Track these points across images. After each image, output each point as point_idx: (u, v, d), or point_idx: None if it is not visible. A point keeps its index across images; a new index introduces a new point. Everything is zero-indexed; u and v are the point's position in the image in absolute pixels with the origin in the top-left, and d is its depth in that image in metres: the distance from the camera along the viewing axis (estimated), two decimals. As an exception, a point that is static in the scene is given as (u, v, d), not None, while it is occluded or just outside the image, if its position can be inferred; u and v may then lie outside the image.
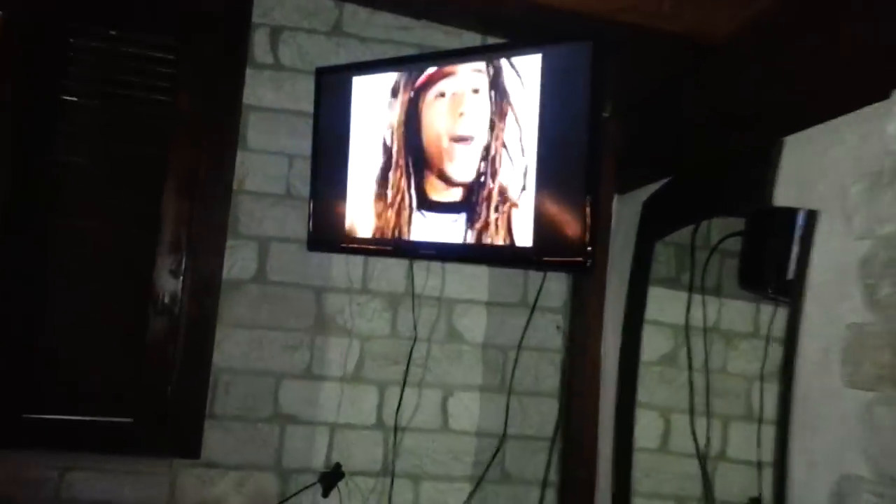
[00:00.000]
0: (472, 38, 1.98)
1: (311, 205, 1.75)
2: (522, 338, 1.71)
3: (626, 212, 1.73)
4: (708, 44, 1.33)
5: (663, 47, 1.38)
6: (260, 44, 1.89)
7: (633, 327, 1.52)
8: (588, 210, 1.27)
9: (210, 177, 1.82)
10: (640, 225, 1.53)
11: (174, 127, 1.82)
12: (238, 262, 1.84)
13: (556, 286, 1.98)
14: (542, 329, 1.98)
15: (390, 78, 1.60)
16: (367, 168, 1.65)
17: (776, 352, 2.06)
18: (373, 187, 1.63)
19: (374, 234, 1.63)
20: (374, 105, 1.63)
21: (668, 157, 1.49)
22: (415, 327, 1.89)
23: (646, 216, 1.52)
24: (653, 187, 1.56)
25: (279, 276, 1.86)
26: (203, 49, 1.83)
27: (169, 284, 1.78)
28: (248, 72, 1.87)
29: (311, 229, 1.74)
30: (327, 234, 1.71)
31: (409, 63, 1.57)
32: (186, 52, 1.82)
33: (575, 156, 1.29)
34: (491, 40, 1.98)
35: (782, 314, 2.08)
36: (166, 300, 1.77)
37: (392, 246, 1.59)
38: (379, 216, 1.62)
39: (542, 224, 1.33)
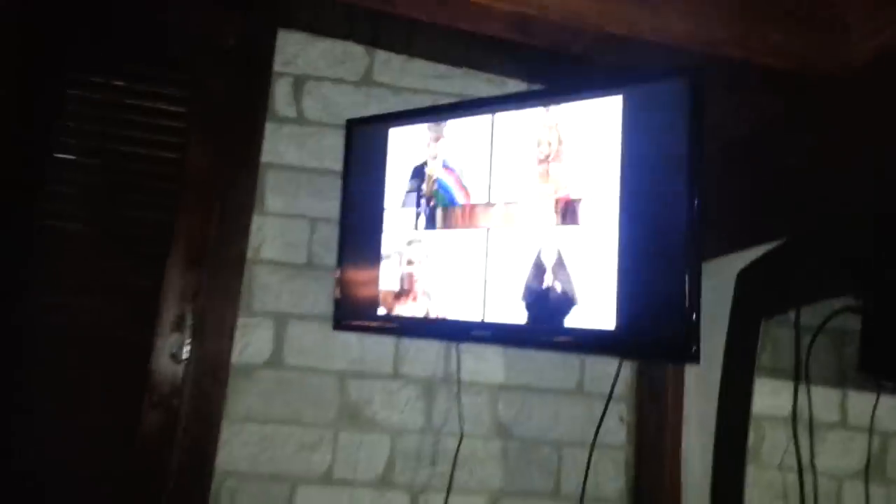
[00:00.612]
0: (516, 87, 1.78)
1: (339, 276, 1.51)
2: (597, 434, 1.42)
3: (708, 283, 1.48)
4: (822, 81, 1.11)
5: (762, 85, 1.17)
6: (282, 95, 1.70)
7: (735, 424, 1.24)
8: (688, 283, 1.02)
9: (222, 244, 1.60)
10: (738, 300, 1.28)
11: (182, 187, 1.61)
12: (251, 343, 1.59)
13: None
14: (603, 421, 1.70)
15: (434, 130, 1.39)
16: (405, 233, 1.41)
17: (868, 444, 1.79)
18: (413, 256, 1.39)
19: (414, 312, 1.38)
20: (415, 160, 1.41)
21: (769, 216, 1.25)
22: (460, 419, 1.62)
23: (745, 289, 1.27)
24: (747, 255, 1.31)
25: (298, 360, 1.61)
26: (217, 100, 1.64)
27: (168, 371, 1.53)
28: (268, 126, 1.68)
29: (337, 304, 1.50)
30: (357, 310, 1.46)
31: (456, 111, 1.35)
32: (198, 104, 1.63)
33: (669, 216, 1.05)
34: (536, 88, 1.79)
35: (887, 402, 1.81)
36: (165, 390, 1.52)
37: (437, 326, 1.34)
38: (421, 290, 1.37)
39: (629, 301, 1.08)
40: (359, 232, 1.48)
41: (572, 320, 1.15)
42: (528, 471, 1.66)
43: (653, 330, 1.06)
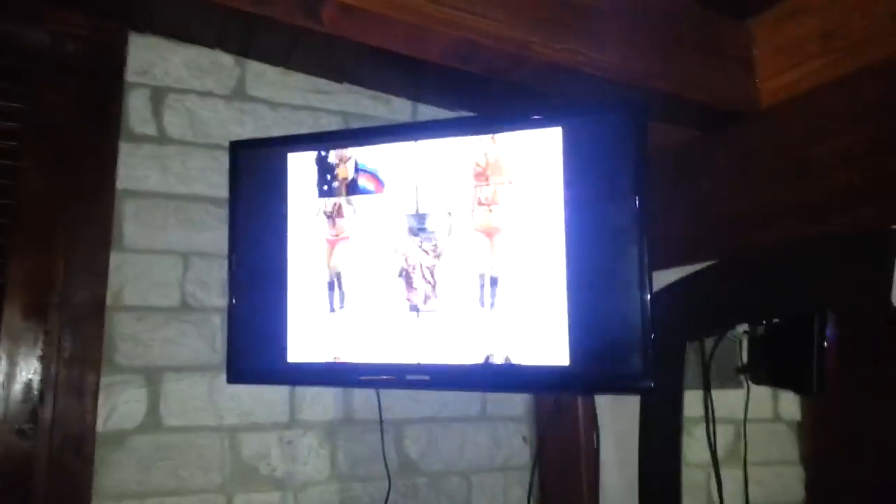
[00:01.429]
0: (401, 106, 1.73)
1: (231, 320, 1.35)
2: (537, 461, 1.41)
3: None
4: (731, 115, 1.21)
5: (681, 115, 1.24)
6: (137, 109, 1.48)
7: (664, 443, 1.30)
8: (642, 313, 1.05)
9: (72, 289, 1.35)
10: (658, 322, 1.34)
11: (16, 221, 1.34)
12: (119, 406, 1.37)
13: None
14: (506, 444, 1.72)
15: (345, 155, 1.29)
16: (318, 270, 1.30)
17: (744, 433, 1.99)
18: (329, 294, 1.28)
19: (334, 356, 1.27)
20: (324, 189, 1.30)
21: (683, 240, 1.33)
22: (384, 462, 1.52)
23: (666, 312, 1.33)
24: (664, 275, 1.37)
25: (178, 420, 1.41)
26: (57, 115, 1.38)
27: (16, 450, 1.26)
28: (123, 146, 1.45)
29: (232, 354, 1.34)
30: (259, 359, 1.31)
31: (370, 136, 1.27)
32: (33, 120, 1.37)
33: (616, 247, 1.07)
34: (422, 108, 1.75)
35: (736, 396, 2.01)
36: (13, 474, 1.25)
37: (364, 372, 1.24)
38: (339, 331, 1.27)
39: (582, 335, 1.09)
40: (256, 268, 1.33)
41: (523, 357, 1.13)
42: (438, 505, 1.62)
43: (609, 363, 1.08)
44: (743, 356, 1.70)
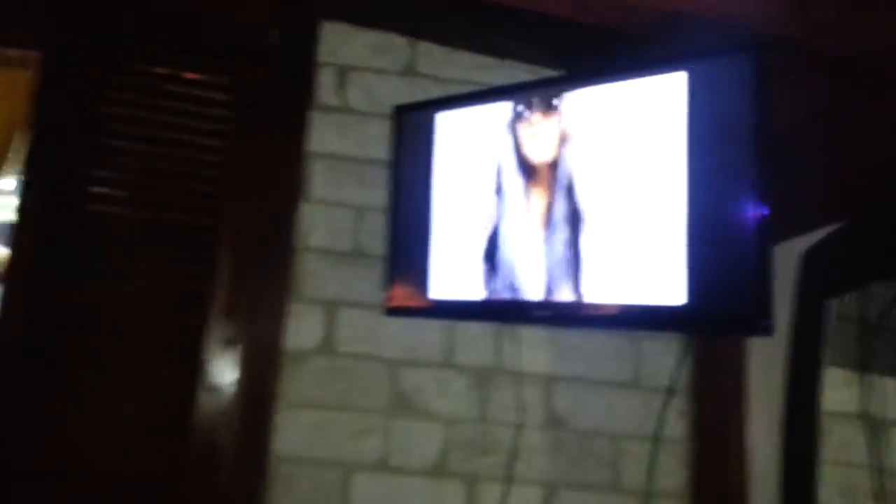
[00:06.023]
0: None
1: (391, 262, 1.68)
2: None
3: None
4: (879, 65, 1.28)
5: (817, 67, 1.35)
6: (326, 85, 1.90)
7: (800, 416, 1.36)
8: (761, 253, 1.19)
9: (269, 231, 1.77)
10: (802, 280, 1.41)
11: (227, 175, 1.79)
12: (302, 329, 1.75)
13: (672, 360, 1.87)
14: (656, 413, 1.85)
15: (482, 112, 1.58)
16: (459, 217, 1.59)
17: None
18: (467, 240, 1.57)
19: (470, 295, 1.55)
20: (465, 146, 1.61)
21: (837, 197, 1.40)
22: (518, 408, 1.76)
23: (809, 269, 1.41)
24: (808, 238, 1.44)
25: (348, 347, 1.76)
26: (260, 89, 1.82)
27: (221, 355, 1.68)
28: (313, 115, 1.87)
29: (389, 290, 1.66)
30: (410, 295, 1.63)
31: (504, 94, 1.55)
32: (241, 92, 1.82)
33: (738, 188, 1.21)
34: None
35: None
36: (217, 375, 1.66)
37: (494, 308, 1.51)
38: (475, 273, 1.54)
39: (700, 275, 1.24)
40: (410, 219, 1.65)
41: (639, 297, 1.31)
42: (585, 463, 1.78)
43: (725, 304, 1.22)
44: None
